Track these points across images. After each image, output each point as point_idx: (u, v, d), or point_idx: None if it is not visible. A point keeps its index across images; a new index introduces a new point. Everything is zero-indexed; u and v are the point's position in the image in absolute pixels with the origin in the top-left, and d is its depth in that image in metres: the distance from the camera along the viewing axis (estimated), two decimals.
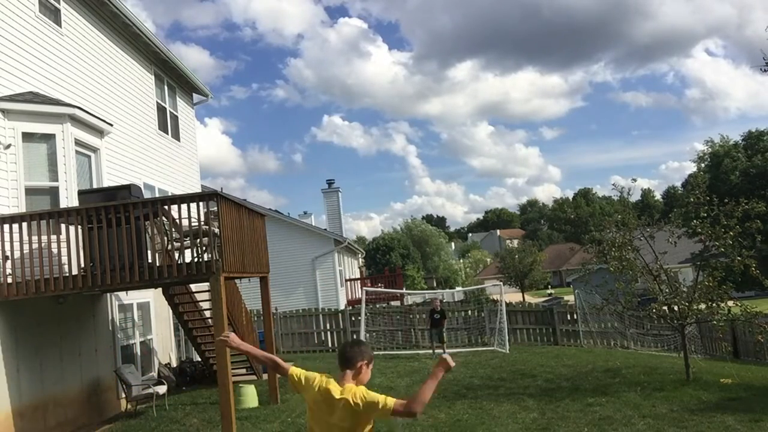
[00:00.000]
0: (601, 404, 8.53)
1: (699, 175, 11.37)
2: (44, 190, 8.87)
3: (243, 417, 8.84)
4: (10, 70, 8.72)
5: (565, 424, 7.56)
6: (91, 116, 9.71)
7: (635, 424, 7.33)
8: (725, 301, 10.34)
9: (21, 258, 7.99)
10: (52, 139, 8.91)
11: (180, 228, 8.59)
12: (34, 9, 9.41)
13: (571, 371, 11.86)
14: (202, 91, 16.38)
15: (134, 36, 12.55)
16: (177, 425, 8.74)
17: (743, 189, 35.07)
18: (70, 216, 8.18)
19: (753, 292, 21.95)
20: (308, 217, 31.32)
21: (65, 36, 10.20)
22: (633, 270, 10.75)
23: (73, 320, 9.55)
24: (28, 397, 8.24)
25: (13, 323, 8.15)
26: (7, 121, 8.47)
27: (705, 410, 7.92)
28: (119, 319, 11.14)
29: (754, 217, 10.02)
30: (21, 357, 8.19)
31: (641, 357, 14.78)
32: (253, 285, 12.58)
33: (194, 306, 11.89)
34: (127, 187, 8.85)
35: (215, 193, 9.04)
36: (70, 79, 10.17)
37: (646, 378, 10.45)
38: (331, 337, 19.34)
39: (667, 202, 73.66)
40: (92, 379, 9.80)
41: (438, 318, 15.49)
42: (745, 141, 45.64)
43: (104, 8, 11.43)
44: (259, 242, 10.23)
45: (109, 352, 10.49)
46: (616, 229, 11.10)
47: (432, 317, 15.60)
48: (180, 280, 8.42)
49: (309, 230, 25.51)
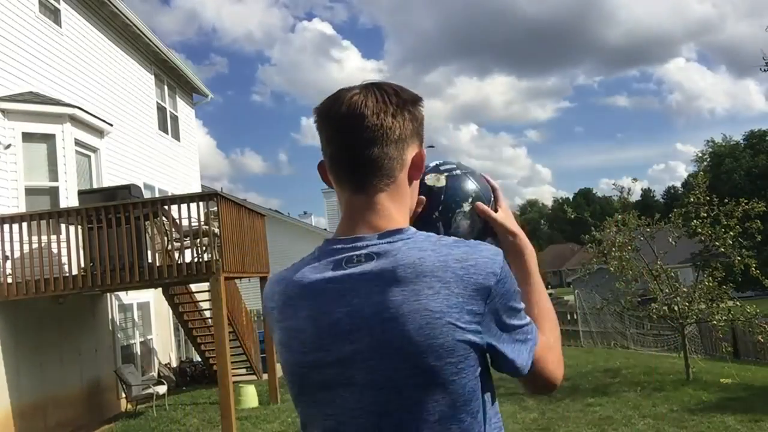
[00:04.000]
0: (601, 404, 8.52)
1: (699, 175, 11.34)
2: (44, 190, 8.88)
3: (243, 417, 8.84)
4: (10, 70, 8.73)
5: (565, 424, 7.55)
6: (91, 116, 9.71)
7: (635, 424, 7.33)
8: (725, 301, 10.34)
9: (21, 258, 7.99)
10: (52, 139, 8.90)
11: (180, 228, 8.59)
12: (34, 9, 9.42)
13: (571, 371, 11.85)
14: (202, 91, 16.39)
15: (134, 36, 12.56)
16: (177, 425, 8.74)
17: (745, 189, 35.11)
18: (70, 216, 8.18)
19: (753, 293, 21.96)
20: (308, 217, 31.33)
21: (65, 36, 10.20)
22: (633, 270, 10.75)
23: (73, 320, 9.54)
24: (28, 397, 8.24)
25: (13, 323, 8.15)
26: (7, 121, 8.47)
27: (705, 410, 7.92)
28: (119, 319, 11.14)
29: (754, 217, 10.03)
30: (21, 357, 8.19)
31: (641, 357, 14.78)
32: (253, 285, 12.60)
33: (194, 306, 11.90)
34: (127, 187, 8.85)
35: (215, 193, 9.05)
36: (70, 79, 10.17)
37: (646, 378, 10.45)
38: None
39: (667, 202, 73.64)
40: (92, 379, 9.80)
41: None
42: (747, 141, 45.66)
43: (104, 8, 11.43)
44: (259, 242, 10.23)
45: (109, 352, 10.49)
46: (617, 229, 11.09)
47: None
48: (180, 280, 8.43)
49: (309, 230, 25.52)
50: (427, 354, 0.95)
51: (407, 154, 1.09)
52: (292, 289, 1.07)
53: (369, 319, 0.98)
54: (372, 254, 1.01)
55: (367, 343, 0.98)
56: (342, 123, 1.06)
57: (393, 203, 1.08)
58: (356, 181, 1.07)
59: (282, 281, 1.10)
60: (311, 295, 1.04)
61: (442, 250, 1.00)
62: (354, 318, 0.99)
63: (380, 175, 1.06)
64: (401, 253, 1.00)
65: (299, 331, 1.03)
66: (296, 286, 1.06)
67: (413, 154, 1.10)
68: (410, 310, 0.96)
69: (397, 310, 0.96)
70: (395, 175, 1.08)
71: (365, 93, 1.06)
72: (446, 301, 0.96)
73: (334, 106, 1.07)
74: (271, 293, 1.11)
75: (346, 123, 1.05)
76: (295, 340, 1.04)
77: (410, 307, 0.96)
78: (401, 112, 1.07)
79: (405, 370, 0.96)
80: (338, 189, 1.11)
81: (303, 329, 1.03)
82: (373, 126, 1.04)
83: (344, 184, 1.09)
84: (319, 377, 1.02)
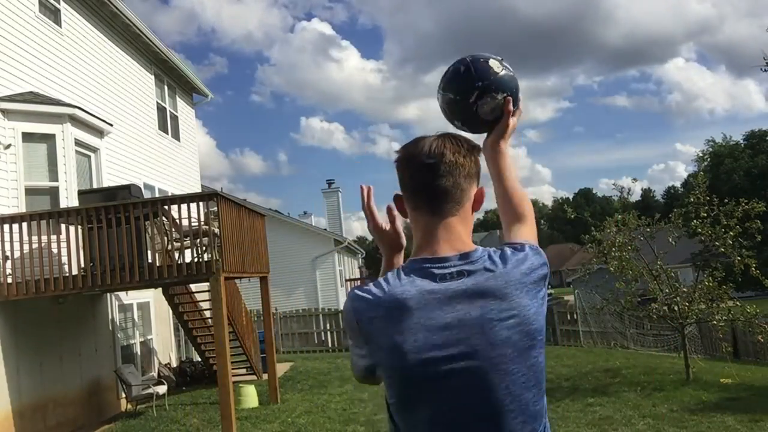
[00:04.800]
0: (601, 404, 8.53)
1: (699, 175, 11.34)
2: (44, 190, 8.88)
3: (243, 417, 8.84)
4: (10, 70, 8.73)
5: (565, 424, 7.55)
6: (91, 116, 9.71)
7: (635, 424, 7.33)
8: (725, 301, 10.34)
9: (21, 258, 8.00)
10: (52, 139, 8.90)
11: (180, 228, 8.59)
12: (34, 9, 9.42)
13: (571, 371, 11.86)
14: (202, 91, 16.39)
15: (134, 36, 12.56)
16: (177, 425, 8.74)
17: (745, 189, 35.11)
18: (70, 216, 8.19)
19: (753, 293, 21.94)
20: (308, 217, 31.32)
21: (65, 36, 10.20)
22: (633, 270, 10.75)
23: (73, 320, 9.54)
24: (28, 397, 8.24)
25: (13, 323, 8.15)
26: (7, 121, 8.47)
27: (705, 410, 7.92)
28: (119, 319, 11.14)
29: (754, 217, 10.03)
30: (21, 357, 8.19)
31: (641, 357, 14.78)
32: (253, 285, 12.59)
33: (194, 306, 11.89)
34: (127, 187, 8.85)
35: (215, 193, 9.05)
36: (70, 79, 10.17)
37: (646, 378, 10.45)
38: (331, 337, 19.35)
39: (667, 202, 73.64)
40: (92, 379, 9.80)
41: None
42: (747, 141, 45.65)
43: (104, 8, 11.43)
44: (259, 242, 10.23)
45: (109, 352, 10.49)
46: (617, 229, 11.09)
47: None
48: (180, 280, 8.43)
49: (309, 230, 25.51)
50: (525, 339, 1.28)
51: (472, 189, 1.39)
52: (392, 301, 1.27)
53: (477, 319, 1.25)
54: (463, 272, 1.29)
55: (478, 339, 1.25)
56: (426, 161, 1.34)
57: (462, 226, 1.37)
58: (434, 206, 1.35)
59: (372, 295, 1.30)
60: (416, 305, 1.26)
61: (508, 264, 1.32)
62: (463, 320, 1.25)
63: (453, 202, 1.35)
64: (483, 270, 1.30)
65: (411, 334, 1.25)
66: (395, 298, 1.27)
67: (475, 191, 1.40)
68: (505, 309, 1.27)
69: (497, 312, 1.26)
70: (463, 203, 1.37)
71: (443, 139, 1.37)
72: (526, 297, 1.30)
73: (417, 148, 1.37)
74: (364, 307, 1.30)
75: (429, 160, 1.34)
76: (407, 343, 1.24)
77: (505, 307, 1.27)
78: (470, 155, 1.38)
79: (510, 355, 1.26)
80: (416, 215, 1.38)
81: (415, 332, 1.25)
82: (450, 162, 1.34)
83: (423, 209, 1.36)
84: (435, 370, 1.24)
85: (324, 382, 11.99)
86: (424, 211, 1.36)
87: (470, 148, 1.39)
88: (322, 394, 10.61)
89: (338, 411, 9.14)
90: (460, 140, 1.39)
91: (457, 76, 1.53)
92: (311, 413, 9.10)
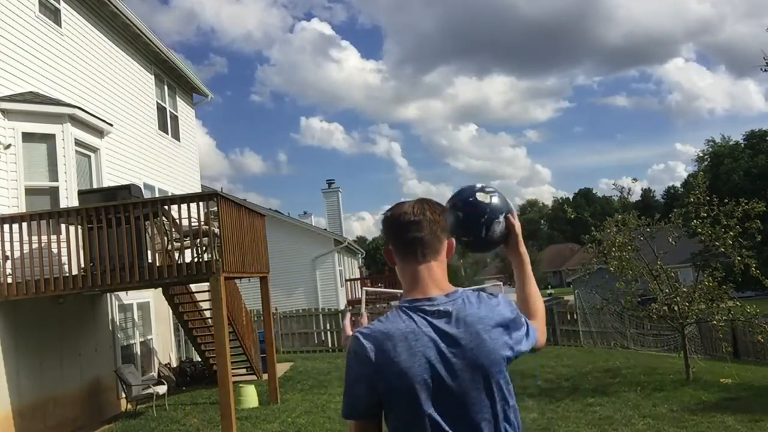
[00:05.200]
0: (601, 404, 8.53)
1: (699, 175, 11.34)
2: (44, 190, 8.87)
3: (243, 417, 8.84)
4: (10, 70, 8.72)
5: (565, 424, 7.56)
6: (91, 116, 9.71)
7: (635, 424, 7.33)
8: (725, 301, 10.34)
9: (21, 258, 8.00)
10: (52, 139, 8.90)
11: (180, 228, 8.59)
12: (34, 9, 9.42)
13: (571, 371, 11.86)
14: (202, 91, 16.39)
15: (134, 36, 12.56)
16: (177, 425, 8.74)
17: (745, 189, 35.12)
18: (70, 216, 8.18)
19: (753, 293, 21.95)
20: (308, 217, 31.32)
21: (65, 36, 10.20)
22: (633, 270, 10.75)
23: (73, 320, 9.55)
24: (28, 397, 8.24)
25: (13, 323, 8.15)
26: (7, 121, 8.47)
27: (705, 410, 7.92)
28: (119, 319, 11.14)
29: (754, 217, 10.03)
30: (21, 357, 8.19)
31: (641, 357, 14.79)
32: (253, 285, 12.59)
33: (194, 306, 11.89)
34: (127, 187, 8.85)
35: (215, 193, 9.05)
36: (70, 79, 10.17)
37: (646, 378, 10.45)
38: (331, 337, 19.35)
39: (667, 202, 73.63)
40: (92, 379, 9.80)
41: None
42: (747, 141, 45.65)
43: (104, 8, 11.43)
44: (259, 242, 10.23)
45: (109, 352, 10.49)
46: (617, 229, 11.09)
47: None
48: (180, 280, 8.43)
49: (309, 230, 25.51)
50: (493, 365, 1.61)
51: (445, 240, 1.72)
52: (397, 334, 1.59)
53: (463, 347, 1.59)
54: (448, 310, 1.63)
55: (464, 362, 1.58)
56: (413, 218, 1.69)
57: (440, 270, 1.71)
58: (420, 254, 1.68)
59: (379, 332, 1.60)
60: (415, 336, 1.59)
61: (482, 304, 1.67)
62: (452, 348, 1.58)
63: (433, 251, 1.70)
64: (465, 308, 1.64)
65: (416, 360, 1.56)
66: (401, 331, 1.59)
67: (447, 242, 1.73)
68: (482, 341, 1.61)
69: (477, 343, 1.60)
70: (440, 251, 1.72)
71: (421, 202, 1.72)
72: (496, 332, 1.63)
73: (403, 210, 1.71)
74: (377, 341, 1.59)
75: (415, 218, 1.69)
76: (414, 366, 1.55)
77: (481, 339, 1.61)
78: (442, 215, 1.72)
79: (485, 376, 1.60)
80: (404, 263, 1.71)
81: (419, 358, 1.56)
82: (430, 220, 1.69)
83: (410, 258, 1.69)
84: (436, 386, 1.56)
85: (324, 382, 11.99)
86: (411, 258, 1.69)
87: (442, 210, 1.74)
88: (322, 394, 10.61)
89: (338, 411, 9.11)
90: (434, 203, 1.74)
91: (459, 223, 1.86)
92: (311, 413, 9.10)
